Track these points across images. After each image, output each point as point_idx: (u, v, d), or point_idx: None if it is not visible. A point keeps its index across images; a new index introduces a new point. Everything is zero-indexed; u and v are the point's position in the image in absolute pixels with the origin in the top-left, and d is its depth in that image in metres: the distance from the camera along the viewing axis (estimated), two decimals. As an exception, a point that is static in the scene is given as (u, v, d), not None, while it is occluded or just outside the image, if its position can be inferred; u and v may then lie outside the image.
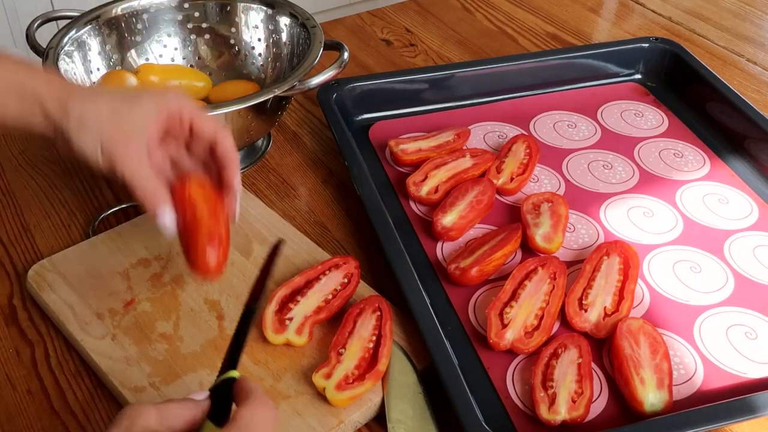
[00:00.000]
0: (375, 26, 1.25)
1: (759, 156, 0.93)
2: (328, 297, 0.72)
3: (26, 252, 0.82)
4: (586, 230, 0.84)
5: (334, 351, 0.67)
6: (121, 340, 0.70)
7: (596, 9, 1.31)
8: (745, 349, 0.72)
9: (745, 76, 1.13)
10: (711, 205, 0.87)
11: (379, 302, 0.72)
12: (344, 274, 0.75)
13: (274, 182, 0.92)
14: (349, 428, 0.65)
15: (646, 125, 1.00)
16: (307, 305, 0.71)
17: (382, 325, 0.70)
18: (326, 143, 0.99)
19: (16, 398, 0.68)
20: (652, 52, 1.08)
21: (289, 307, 0.71)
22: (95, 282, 0.75)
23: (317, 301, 0.72)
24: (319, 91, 0.97)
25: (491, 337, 0.70)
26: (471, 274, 0.76)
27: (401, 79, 1.01)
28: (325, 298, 0.72)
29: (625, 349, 0.68)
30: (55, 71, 0.64)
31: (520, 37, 1.22)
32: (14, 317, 0.75)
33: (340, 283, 0.74)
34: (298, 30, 0.96)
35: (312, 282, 0.74)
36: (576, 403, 0.65)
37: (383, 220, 0.79)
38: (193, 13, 1.00)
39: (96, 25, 0.94)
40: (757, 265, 0.80)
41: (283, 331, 0.69)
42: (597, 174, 0.92)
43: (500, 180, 0.89)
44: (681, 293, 0.77)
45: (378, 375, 0.66)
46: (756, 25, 1.26)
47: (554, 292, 0.74)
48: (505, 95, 1.04)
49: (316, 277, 0.74)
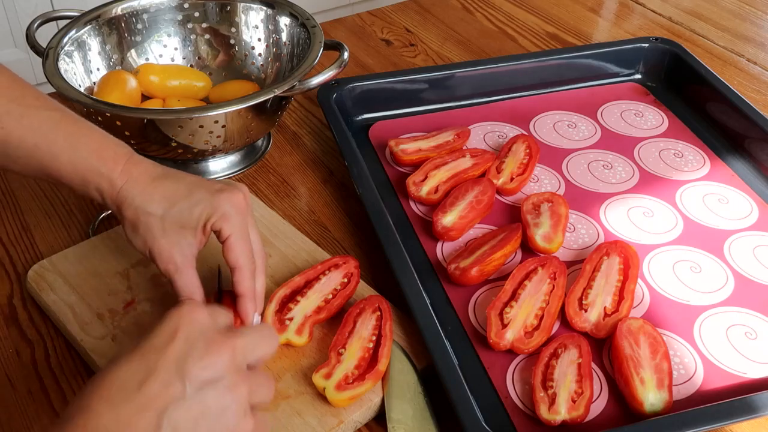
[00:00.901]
0: (375, 26, 1.25)
1: (759, 156, 0.93)
2: (328, 297, 0.72)
3: (26, 252, 0.82)
4: (586, 230, 0.84)
5: (333, 351, 0.67)
6: (121, 340, 0.70)
7: (596, 9, 1.31)
8: (745, 349, 0.72)
9: (745, 76, 1.13)
10: (711, 205, 0.87)
11: (379, 302, 0.72)
12: (344, 273, 0.75)
13: (274, 182, 0.92)
14: (349, 428, 0.65)
15: (646, 125, 1.00)
16: (307, 305, 0.71)
17: (382, 325, 0.70)
18: (326, 143, 0.99)
19: (16, 398, 0.68)
20: (652, 52, 1.08)
21: (289, 308, 0.71)
22: (95, 282, 0.75)
23: (317, 301, 0.72)
24: (319, 91, 0.97)
25: (491, 337, 0.70)
26: (471, 274, 0.76)
27: (401, 79, 1.01)
28: (325, 298, 0.72)
29: (625, 349, 0.68)
30: (127, 157, 0.67)
31: (520, 37, 1.22)
32: (14, 317, 0.75)
33: (340, 283, 0.74)
34: (298, 30, 0.96)
35: (312, 282, 0.74)
36: (576, 403, 0.65)
37: (383, 220, 0.79)
38: (193, 13, 1.00)
39: (96, 25, 0.94)
40: (757, 265, 0.80)
41: (283, 331, 0.69)
42: (597, 174, 0.92)
43: (500, 180, 0.89)
44: (681, 293, 0.77)
45: (378, 375, 0.66)
46: (756, 25, 1.26)
47: (554, 292, 0.74)
48: (505, 95, 1.04)
49: (315, 277, 0.74)
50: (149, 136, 0.83)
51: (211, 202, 0.65)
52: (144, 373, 0.47)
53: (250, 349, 0.52)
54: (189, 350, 0.48)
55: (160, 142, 0.84)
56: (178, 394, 0.47)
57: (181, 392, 0.47)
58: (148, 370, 0.47)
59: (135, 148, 0.87)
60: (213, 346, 0.49)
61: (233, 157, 0.94)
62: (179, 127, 0.82)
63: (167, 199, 0.65)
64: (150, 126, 0.82)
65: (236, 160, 0.94)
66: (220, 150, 0.87)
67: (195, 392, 0.47)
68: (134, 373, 0.47)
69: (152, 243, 0.64)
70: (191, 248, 0.65)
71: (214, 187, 0.66)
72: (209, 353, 0.49)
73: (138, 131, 0.83)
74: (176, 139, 0.83)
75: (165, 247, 0.64)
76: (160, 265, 0.65)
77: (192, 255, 0.65)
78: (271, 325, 0.70)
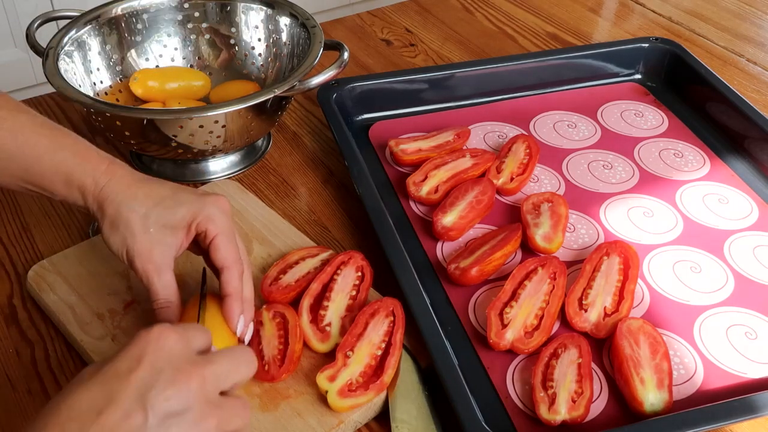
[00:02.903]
0: (375, 26, 1.25)
1: (759, 156, 0.93)
2: (352, 294, 0.73)
3: (26, 252, 0.82)
4: (586, 230, 0.84)
5: (341, 352, 0.67)
6: (122, 340, 0.70)
7: (596, 9, 1.31)
8: (745, 349, 0.72)
9: (745, 76, 1.13)
10: (711, 205, 0.87)
11: (395, 306, 0.71)
12: (355, 268, 0.75)
13: (274, 182, 0.92)
14: (349, 428, 0.65)
15: (646, 125, 1.00)
16: (337, 308, 0.72)
17: (393, 331, 0.69)
18: (326, 143, 0.99)
19: (16, 398, 0.68)
20: (652, 52, 1.08)
21: (322, 315, 0.71)
22: (95, 282, 0.75)
23: (345, 300, 0.72)
24: (319, 91, 0.97)
25: (491, 337, 0.70)
26: (471, 274, 0.76)
27: (401, 79, 1.01)
28: (350, 296, 0.73)
29: (625, 349, 0.68)
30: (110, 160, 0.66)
31: (520, 37, 1.22)
32: (14, 317, 0.75)
33: (356, 277, 0.74)
34: (298, 30, 0.96)
35: (329, 284, 0.74)
36: (576, 403, 0.65)
37: (383, 220, 0.79)
38: (193, 13, 1.00)
39: (96, 25, 0.94)
40: (757, 265, 0.80)
41: (326, 339, 0.69)
42: (597, 174, 0.92)
43: (500, 180, 0.89)
44: (681, 293, 0.77)
45: (382, 387, 0.65)
46: (756, 25, 1.26)
47: (554, 292, 0.74)
48: (505, 95, 1.04)
49: (330, 278, 0.74)
50: (149, 136, 0.83)
51: (196, 204, 0.64)
52: (104, 401, 0.44)
53: (223, 377, 0.49)
54: (154, 379, 0.45)
55: (160, 142, 0.84)
56: (139, 426, 0.44)
57: (141, 424, 0.44)
58: (109, 398, 0.44)
59: (135, 148, 0.88)
60: (180, 375, 0.46)
61: (233, 157, 0.94)
62: (179, 127, 0.82)
63: (152, 198, 0.64)
64: (150, 126, 0.82)
65: (236, 160, 0.94)
66: (220, 150, 0.87)
67: (158, 424, 0.45)
68: (93, 399, 0.44)
69: (132, 241, 0.62)
70: (171, 250, 0.64)
71: (198, 191, 0.66)
72: (175, 383, 0.46)
73: (138, 131, 0.83)
74: (176, 139, 0.83)
75: (145, 245, 0.62)
76: (138, 264, 0.62)
77: (171, 257, 0.64)
78: (272, 335, 0.69)
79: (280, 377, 0.65)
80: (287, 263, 0.76)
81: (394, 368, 0.67)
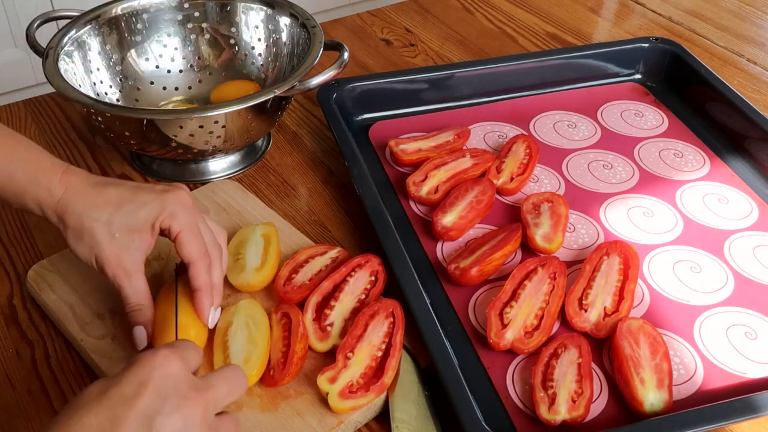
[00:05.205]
0: (375, 26, 1.25)
1: (759, 156, 0.93)
2: (361, 297, 0.73)
3: (26, 252, 0.82)
4: (586, 230, 0.84)
5: (342, 354, 0.67)
6: (121, 340, 0.70)
7: (596, 9, 1.31)
8: (745, 349, 0.72)
9: (745, 76, 1.13)
10: (711, 205, 0.87)
11: (394, 307, 0.71)
12: (370, 272, 0.75)
13: (274, 182, 0.92)
14: (349, 428, 0.65)
15: (646, 125, 1.00)
16: (342, 309, 0.71)
17: (393, 333, 0.69)
18: (326, 143, 0.99)
19: (16, 398, 0.68)
20: (652, 52, 1.08)
21: (326, 314, 0.71)
22: (95, 282, 0.75)
23: (352, 303, 0.72)
24: (319, 91, 0.97)
25: (491, 337, 0.70)
26: (471, 274, 0.76)
27: (401, 79, 1.01)
28: (358, 299, 0.73)
29: (625, 349, 0.68)
30: (64, 168, 0.66)
31: (520, 37, 1.22)
32: (14, 317, 0.75)
33: (369, 281, 0.74)
34: (298, 30, 0.96)
35: (341, 285, 0.74)
36: (576, 403, 0.65)
37: (383, 220, 0.79)
38: (193, 13, 1.00)
39: (96, 25, 0.94)
40: (757, 265, 0.80)
41: (326, 339, 0.69)
42: (597, 174, 0.92)
43: (500, 180, 0.89)
44: (681, 293, 0.77)
45: (382, 388, 0.65)
46: (756, 25, 1.26)
47: (554, 292, 0.74)
48: (505, 95, 1.04)
49: (342, 279, 0.74)
50: (149, 136, 0.83)
51: (157, 202, 0.64)
52: (110, 425, 0.45)
53: (221, 400, 0.51)
54: (160, 405, 0.47)
55: (160, 142, 0.84)
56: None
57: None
58: (116, 422, 0.45)
59: (135, 148, 0.88)
60: (185, 402, 0.48)
61: (233, 157, 0.94)
62: (179, 127, 0.82)
63: (112, 204, 0.64)
64: (150, 126, 0.82)
65: (236, 160, 0.94)
66: (220, 150, 0.87)
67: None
68: (100, 423, 0.45)
69: (99, 250, 0.63)
70: (140, 252, 0.64)
71: (156, 189, 0.66)
72: (180, 409, 0.47)
73: (138, 131, 0.83)
74: (176, 139, 0.83)
75: (113, 252, 0.63)
76: (108, 271, 0.64)
77: (140, 260, 0.65)
78: (277, 340, 0.69)
79: (282, 381, 0.65)
80: (297, 262, 0.76)
81: (394, 370, 0.67)
